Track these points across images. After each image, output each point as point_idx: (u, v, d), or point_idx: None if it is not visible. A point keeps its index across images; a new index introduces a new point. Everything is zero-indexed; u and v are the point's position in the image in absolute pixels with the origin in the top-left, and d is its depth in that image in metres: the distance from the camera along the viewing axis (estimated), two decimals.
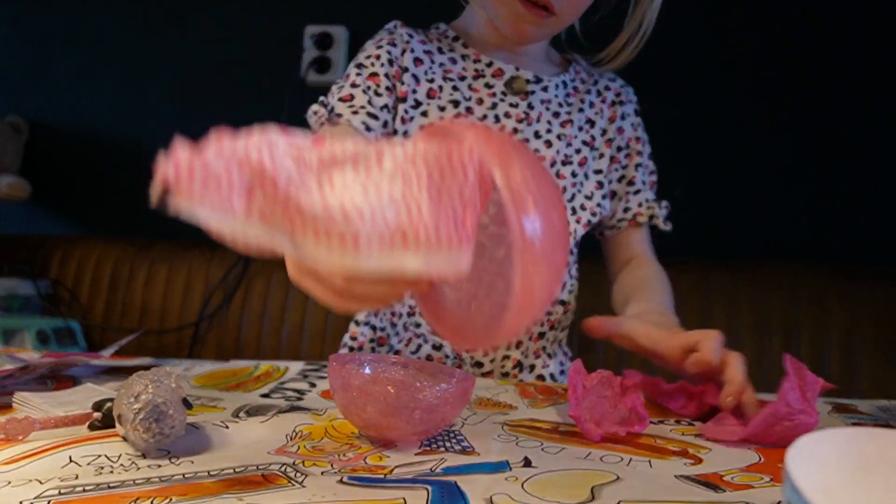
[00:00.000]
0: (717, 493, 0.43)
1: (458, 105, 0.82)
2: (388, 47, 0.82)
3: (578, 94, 0.89)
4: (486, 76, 0.84)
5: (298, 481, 0.43)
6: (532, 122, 0.83)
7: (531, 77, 0.84)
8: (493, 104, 0.83)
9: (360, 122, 0.77)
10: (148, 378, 0.47)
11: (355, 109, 0.77)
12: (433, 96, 0.82)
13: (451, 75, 0.83)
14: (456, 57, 0.85)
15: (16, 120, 1.72)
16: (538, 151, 0.83)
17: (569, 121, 0.86)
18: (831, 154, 1.44)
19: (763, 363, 1.26)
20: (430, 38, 0.86)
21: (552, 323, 0.89)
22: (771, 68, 1.46)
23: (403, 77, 0.81)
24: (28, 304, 1.51)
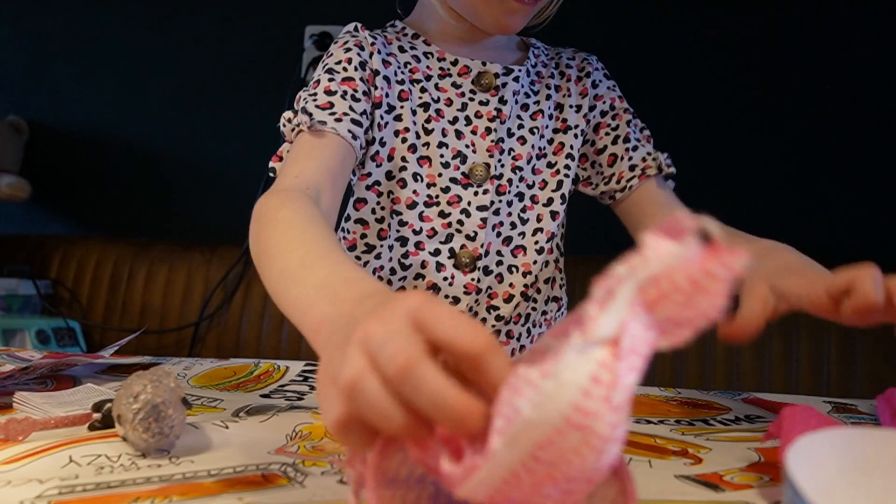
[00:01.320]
0: (717, 493, 0.43)
1: (429, 108, 0.79)
2: (356, 50, 0.77)
3: (543, 80, 0.85)
4: (453, 75, 0.80)
5: (298, 481, 0.43)
6: (505, 119, 0.80)
7: (499, 70, 0.80)
8: (462, 104, 0.79)
9: (346, 130, 0.71)
10: (147, 378, 0.47)
11: (338, 117, 0.71)
12: (405, 98, 0.78)
13: (417, 75, 0.79)
14: (419, 55, 0.81)
15: (16, 120, 1.72)
16: (513, 150, 0.80)
17: (538, 111, 0.82)
18: (831, 154, 1.44)
19: (763, 363, 1.26)
20: (389, 38, 0.81)
21: (549, 322, 0.89)
22: (771, 68, 1.46)
23: (376, 80, 0.76)
24: (28, 304, 1.51)
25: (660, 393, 0.73)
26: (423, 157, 0.78)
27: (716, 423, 0.61)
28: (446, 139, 0.79)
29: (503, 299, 0.81)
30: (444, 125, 0.79)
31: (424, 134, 0.78)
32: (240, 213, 1.77)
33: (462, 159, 0.79)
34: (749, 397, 0.72)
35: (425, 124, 0.79)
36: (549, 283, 0.86)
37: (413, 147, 0.78)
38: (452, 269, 0.78)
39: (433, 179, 0.78)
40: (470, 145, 0.79)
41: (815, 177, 1.45)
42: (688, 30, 1.50)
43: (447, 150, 0.79)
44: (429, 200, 0.78)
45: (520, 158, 0.81)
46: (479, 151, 0.79)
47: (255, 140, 1.65)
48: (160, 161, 1.73)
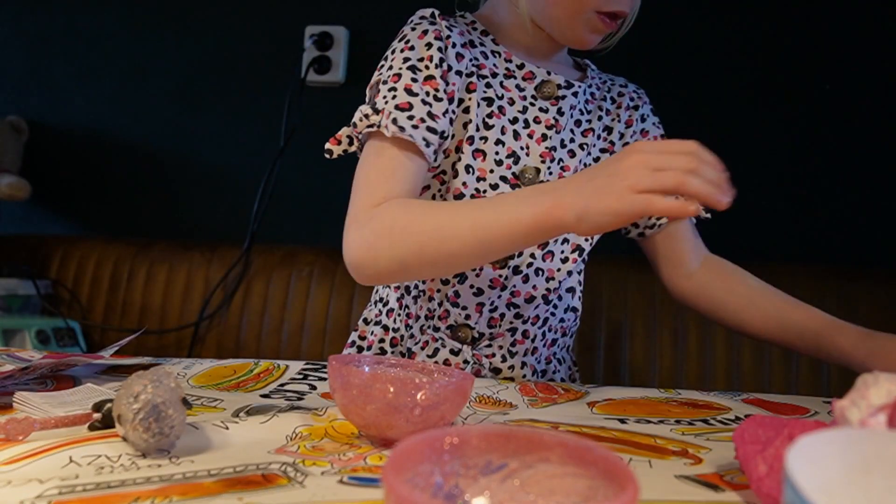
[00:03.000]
0: (717, 493, 0.43)
1: (492, 103, 0.80)
2: (436, 44, 0.76)
3: (596, 101, 0.88)
4: (517, 77, 0.82)
5: (298, 481, 0.43)
6: (560, 130, 0.82)
7: (562, 82, 0.82)
8: (523, 107, 0.81)
9: (421, 138, 0.72)
10: (147, 378, 0.47)
11: (415, 123, 0.72)
12: (472, 90, 0.79)
13: (483, 71, 0.80)
14: (487, 52, 0.82)
15: (16, 120, 1.72)
16: (562, 161, 0.82)
17: (590, 129, 0.85)
18: (830, 155, 1.44)
19: (763, 363, 1.26)
20: (463, 30, 0.81)
21: (564, 330, 0.89)
22: (770, 68, 1.46)
23: (449, 76, 0.76)
24: (28, 304, 1.51)
25: (660, 394, 0.73)
26: (478, 150, 0.79)
27: (716, 423, 0.61)
28: (504, 137, 0.80)
29: (524, 299, 0.82)
30: (504, 123, 0.80)
31: (484, 128, 0.79)
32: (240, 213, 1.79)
33: (515, 160, 0.80)
34: (749, 397, 0.72)
35: (486, 119, 0.80)
36: (571, 292, 0.87)
37: (471, 139, 0.78)
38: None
39: (484, 174, 0.79)
40: (525, 147, 0.80)
41: (815, 177, 1.45)
42: (687, 29, 1.50)
43: (503, 147, 0.80)
44: (476, 194, 0.79)
45: (568, 170, 0.82)
46: (532, 155, 0.80)
47: (256, 140, 1.65)
48: (160, 161, 1.73)
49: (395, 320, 0.86)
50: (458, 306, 0.81)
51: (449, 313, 0.82)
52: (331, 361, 0.53)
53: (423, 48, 0.76)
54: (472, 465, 0.36)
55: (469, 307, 0.81)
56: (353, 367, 0.57)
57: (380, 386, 0.49)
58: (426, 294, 0.83)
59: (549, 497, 0.35)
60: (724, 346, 1.28)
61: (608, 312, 1.33)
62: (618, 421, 0.61)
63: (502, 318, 0.82)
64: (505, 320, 0.82)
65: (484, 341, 0.83)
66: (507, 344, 0.83)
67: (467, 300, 0.81)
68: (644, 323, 1.31)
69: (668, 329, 1.30)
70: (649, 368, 1.29)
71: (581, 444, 0.35)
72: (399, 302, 0.86)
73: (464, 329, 0.82)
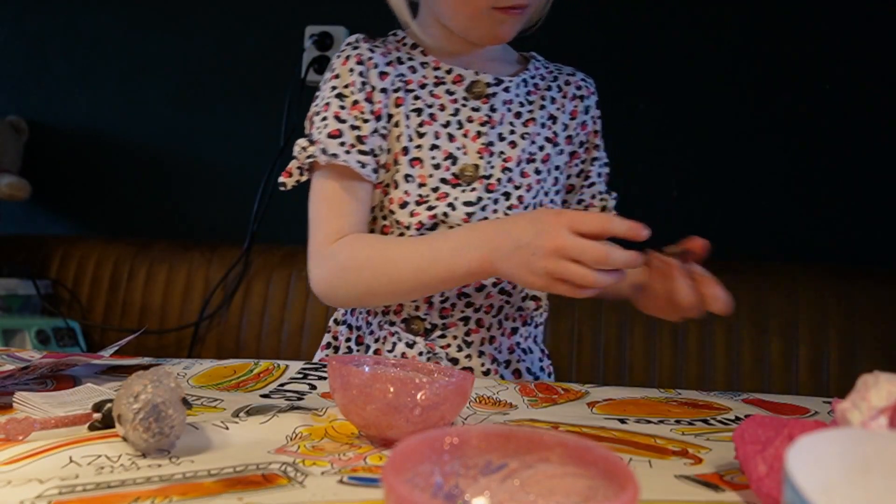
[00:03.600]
0: (717, 493, 0.43)
1: (422, 113, 0.83)
2: (357, 68, 0.82)
3: (539, 91, 0.89)
4: (447, 83, 0.85)
5: (298, 481, 0.43)
6: (495, 125, 0.84)
7: (491, 80, 0.85)
8: (455, 109, 0.84)
9: (355, 161, 0.79)
10: (147, 378, 0.47)
11: (347, 149, 0.79)
12: (399, 104, 0.83)
13: (411, 85, 0.84)
14: (416, 65, 0.86)
15: (16, 120, 1.72)
16: (503, 153, 0.84)
17: (531, 119, 0.87)
18: (830, 155, 1.44)
19: (763, 363, 1.26)
20: (390, 48, 0.86)
21: (524, 318, 0.88)
22: (770, 68, 1.46)
23: (374, 95, 0.82)
24: (28, 304, 1.51)
25: (660, 394, 0.73)
26: (415, 159, 0.82)
27: (716, 423, 0.61)
28: (438, 142, 0.83)
29: (475, 288, 0.82)
30: (436, 129, 0.83)
31: (417, 137, 0.83)
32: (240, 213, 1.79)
33: (453, 161, 0.82)
34: (749, 398, 0.72)
35: (418, 128, 0.83)
36: None
37: (406, 149, 0.82)
38: None
39: (424, 180, 0.82)
40: (461, 147, 0.83)
41: (815, 177, 1.45)
42: (688, 29, 1.50)
43: (439, 151, 0.82)
44: (419, 199, 0.81)
45: (510, 160, 0.84)
46: (470, 153, 0.83)
47: (255, 140, 1.65)
48: (160, 161, 1.73)
49: (358, 318, 0.90)
50: (411, 303, 0.83)
51: (403, 307, 0.84)
52: (331, 361, 0.53)
53: (346, 74, 0.82)
54: (472, 465, 0.36)
55: (418, 299, 0.82)
56: (353, 367, 0.57)
57: (380, 386, 0.49)
58: None
59: (549, 497, 0.35)
60: (723, 346, 1.28)
61: (608, 312, 1.33)
62: (618, 421, 0.61)
63: (454, 308, 0.83)
64: (456, 310, 0.83)
65: (437, 332, 0.84)
66: (461, 334, 0.84)
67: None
68: (644, 323, 1.31)
69: (668, 329, 1.30)
70: (649, 368, 1.29)
71: (581, 444, 0.35)
72: None
73: (416, 321, 0.83)
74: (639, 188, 1.52)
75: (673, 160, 1.51)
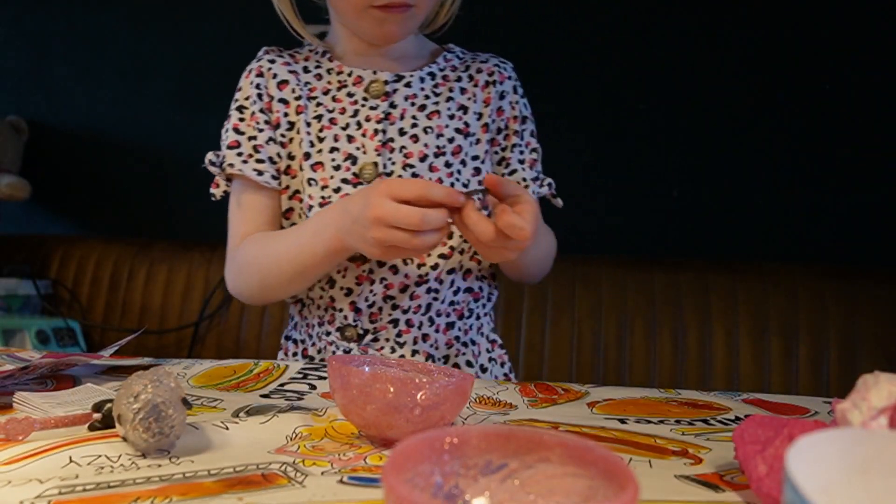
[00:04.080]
0: (717, 493, 0.43)
1: (322, 118, 0.85)
2: (256, 80, 0.87)
3: (448, 83, 0.89)
4: (349, 85, 0.87)
5: (298, 481, 0.43)
6: (395, 121, 0.85)
7: (389, 77, 0.86)
8: (355, 111, 0.85)
9: (251, 171, 0.83)
10: (147, 378, 0.47)
11: (244, 158, 0.84)
12: (300, 112, 0.85)
13: (315, 93, 0.87)
14: (322, 72, 0.88)
15: (16, 120, 1.72)
16: (404, 148, 0.84)
17: (436, 111, 0.86)
18: (830, 155, 1.44)
19: (763, 363, 1.26)
20: (298, 58, 0.90)
21: (459, 312, 0.87)
22: (770, 69, 1.46)
23: (273, 105, 0.86)
24: (28, 304, 1.51)
25: (660, 394, 0.73)
26: (317, 163, 0.84)
27: (716, 423, 0.61)
28: (338, 144, 0.84)
29: (399, 289, 0.83)
30: (336, 132, 0.84)
31: (318, 142, 0.84)
32: None
33: (352, 161, 0.83)
34: (749, 397, 0.72)
35: (319, 133, 0.85)
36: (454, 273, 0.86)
37: (307, 155, 0.84)
38: (346, 262, 0.82)
39: (326, 182, 0.83)
40: (360, 147, 0.83)
41: (815, 177, 1.45)
42: (688, 30, 1.50)
43: (338, 153, 0.83)
44: (322, 202, 0.82)
45: (411, 156, 0.83)
46: (369, 152, 0.83)
47: None
48: (160, 161, 1.73)
49: (301, 332, 0.91)
50: (337, 308, 0.84)
51: (335, 317, 0.85)
52: (331, 361, 0.53)
53: (246, 87, 0.88)
54: (472, 465, 0.36)
55: (344, 308, 0.84)
56: (353, 367, 0.57)
57: (380, 386, 0.49)
58: (314, 302, 0.87)
59: (549, 497, 0.35)
60: (723, 346, 1.28)
61: (608, 312, 1.33)
62: (618, 421, 0.61)
63: (381, 312, 0.84)
64: (384, 313, 0.84)
65: (369, 337, 0.84)
66: (392, 336, 0.84)
67: (341, 301, 0.84)
68: (644, 323, 1.31)
69: (668, 329, 1.30)
70: (649, 368, 1.29)
71: (581, 444, 0.35)
72: (300, 314, 0.91)
73: (349, 329, 0.84)
74: (639, 188, 1.52)
75: (673, 160, 1.51)
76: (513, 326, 1.35)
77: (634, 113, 1.51)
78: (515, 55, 0.96)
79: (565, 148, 1.53)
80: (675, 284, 1.32)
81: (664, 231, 1.51)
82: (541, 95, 1.55)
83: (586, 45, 1.53)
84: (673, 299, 1.31)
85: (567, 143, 1.52)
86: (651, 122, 1.51)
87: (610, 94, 1.53)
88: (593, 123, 1.53)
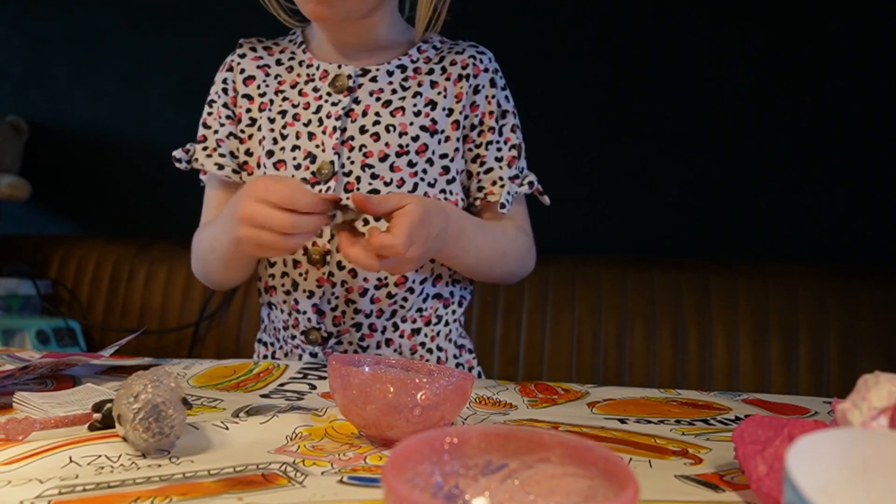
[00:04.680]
0: (717, 493, 0.43)
1: (286, 114, 0.83)
2: (224, 74, 0.87)
3: (418, 76, 0.84)
4: (315, 80, 0.84)
5: (298, 481, 0.43)
6: (356, 117, 0.81)
7: (354, 72, 0.82)
8: (318, 107, 0.82)
9: (213, 165, 0.85)
10: (147, 378, 0.47)
11: (209, 152, 0.86)
12: (264, 109, 0.84)
13: (283, 86, 0.85)
14: (294, 65, 0.86)
15: (16, 120, 1.72)
16: (364, 147, 0.80)
17: (400, 108, 0.82)
18: (830, 155, 1.44)
19: (763, 363, 1.26)
20: (273, 50, 0.88)
21: (426, 319, 0.86)
22: (770, 69, 1.46)
23: (238, 100, 0.86)
24: (28, 304, 1.51)
25: (660, 394, 0.73)
26: (279, 161, 0.82)
27: (716, 423, 0.61)
28: (299, 142, 0.82)
29: (358, 294, 0.81)
30: (298, 129, 0.82)
31: (281, 139, 0.83)
32: None
33: (312, 159, 0.81)
34: (749, 398, 0.72)
35: (282, 130, 0.83)
36: (426, 282, 0.84)
37: (270, 153, 0.83)
38: (307, 266, 0.81)
39: None
40: (320, 145, 0.81)
41: (815, 177, 1.45)
42: (688, 30, 1.50)
43: (299, 152, 0.82)
44: None
45: (371, 155, 0.80)
46: (327, 150, 0.80)
47: None
48: (160, 161, 1.72)
49: (269, 335, 0.91)
50: (300, 311, 0.83)
51: (299, 320, 0.84)
52: (331, 361, 0.53)
53: (217, 82, 0.89)
54: (472, 465, 0.36)
55: (308, 311, 0.82)
56: (353, 368, 0.57)
57: (380, 386, 0.49)
58: (277, 306, 0.86)
59: (549, 497, 0.35)
60: (723, 346, 1.28)
61: (608, 312, 1.33)
62: (618, 421, 0.61)
63: (344, 315, 0.82)
64: (347, 317, 0.82)
65: (333, 340, 0.84)
66: (355, 339, 0.84)
67: (305, 304, 0.82)
68: (644, 323, 1.31)
69: (668, 329, 1.30)
70: (649, 368, 1.29)
71: (581, 444, 0.35)
72: (268, 317, 0.91)
73: (313, 332, 0.83)
74: (639, 188, 1.52)
75: (673, 160, 1.51)
76: (513, 326, 1.35)
77: (634, 113, 1.51)
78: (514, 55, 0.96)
79: (565, 148, 1.53)
80: (675, 284, 1.32)
81: (664, 231, 1.51)
82: (541, 95, 1.55)
83: (586, 45, 1.53)
84: (673, 299, 1.31)
85: (567, 143, 1.52)
86: (651, 122, 1.51)
87: (610, 93, 1.53)
88: (593, 123, 1.53)
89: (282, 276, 0.83)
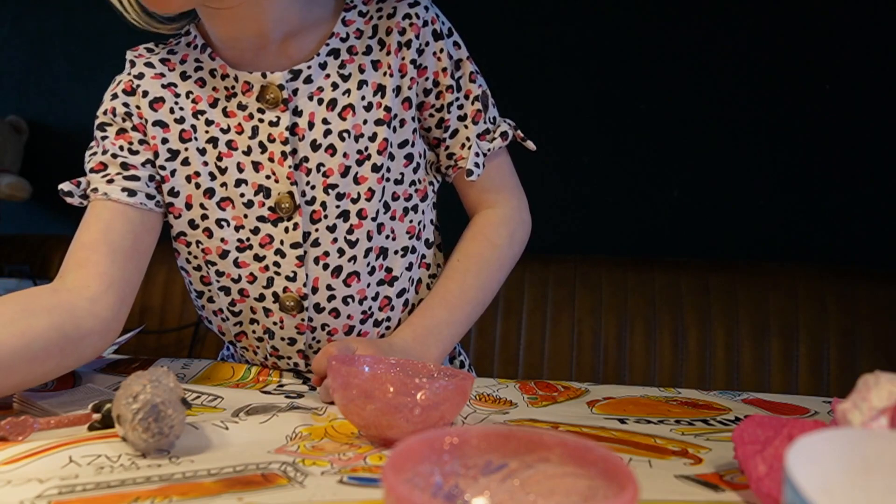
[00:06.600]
0: (717, 493, 0.43)
1: (218, 143, 0.69)
2: (123, 98, 0.70)
3: (356, 58, 0.70)
4: (238, 94, 0.69)
5: (298, 481, 0.43)
6: (303, 133, 0.68)
7: (283, 78, 0.67)
8: (253, 129, 0.68)
9: (119, 191, 0.67)
10: (146, 378, 0.47)
11: (110, 178, 0.68)
12: (187, 139, 0.69)
13: (201, 105, 0.69)
14: (204, 76, 0.70)
15: (16, 120, 1.72)
16: (322, 166, 0.68)
17: (349, 106, 0.69)
18: (830, 155, 1.44)
19: (762, 363, 1.26)
20: (173, 62, 0.71)
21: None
22: (770, 68, 1.46)
23: (147, 130, 0.69)
24: None
25: (660, 394, 0.73)
26: (224, 199, 0.69)
27: (716, 423, 0.61)
28: (244, 175, 0.68)
29: (343, 332, 0.73)
30: (238, 159, 0.68)
31: (220, 173, 0.69)
32: None
33: (266, 193, 0.68)
34: (749, 398, 0.72)
35: (217, 162, 0.69)
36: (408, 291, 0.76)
37: (210, 191, 0.69)
38: (280, 313, 0.70)
39: (240, 222, 0.69)
40: (271, 175, 0.68)
41: (814, 177, 1.45)
42: (688, 29, 1.50)
43: (247, 186, 0.68)
44: (241, 245, 0.69)
45: (331, 173, 0.68)
46: (281, 180, 0.68)
47: None
48: None
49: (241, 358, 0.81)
50: (284, 358, 0.74)
51: (279, 364, 0.75)
52: (331, 361, 0.53)
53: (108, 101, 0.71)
54: (472, 465, 0.36)
55: (293, 356, 0.73)
56: (354, 368, 0.57)
57: (380, 386, 0.49)
58: (250, 349, 0.76)
59: (549, 497, 0.35)
60: (723, 346, 1.28)
61: (608, 312, 1.33)
62: (618, 421, 0.61)
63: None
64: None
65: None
66: None
67: (287, 351, 0.73)
68: (644, 323, 1.31)
69: (668, 329, 1.30)
70: (649, 368, 1.29)
71: (581, 444, 0.35)
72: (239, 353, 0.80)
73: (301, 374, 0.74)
74: (639, 188, 1.52)
75: (673, 160, 1.51)
76: (513, 326, 1.35)
77: (634, 113, 1.51)
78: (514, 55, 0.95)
79: (565, 147, 1.53)
80: (675, 284, 1.32)
81: (664, 231, 1.51)
82: (540, 95, 1.55)
83: (587, 45, 1.53)
84: (673, 299, 1.31)
85: (567, 143, 1.52)
86: (651, 122, 1.51)
87: (610, 93, 1.52)
88: (593, 123, 1.53)
89: (251, 324, 0.73)
